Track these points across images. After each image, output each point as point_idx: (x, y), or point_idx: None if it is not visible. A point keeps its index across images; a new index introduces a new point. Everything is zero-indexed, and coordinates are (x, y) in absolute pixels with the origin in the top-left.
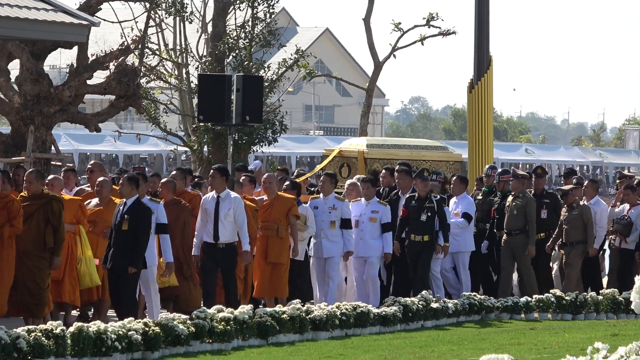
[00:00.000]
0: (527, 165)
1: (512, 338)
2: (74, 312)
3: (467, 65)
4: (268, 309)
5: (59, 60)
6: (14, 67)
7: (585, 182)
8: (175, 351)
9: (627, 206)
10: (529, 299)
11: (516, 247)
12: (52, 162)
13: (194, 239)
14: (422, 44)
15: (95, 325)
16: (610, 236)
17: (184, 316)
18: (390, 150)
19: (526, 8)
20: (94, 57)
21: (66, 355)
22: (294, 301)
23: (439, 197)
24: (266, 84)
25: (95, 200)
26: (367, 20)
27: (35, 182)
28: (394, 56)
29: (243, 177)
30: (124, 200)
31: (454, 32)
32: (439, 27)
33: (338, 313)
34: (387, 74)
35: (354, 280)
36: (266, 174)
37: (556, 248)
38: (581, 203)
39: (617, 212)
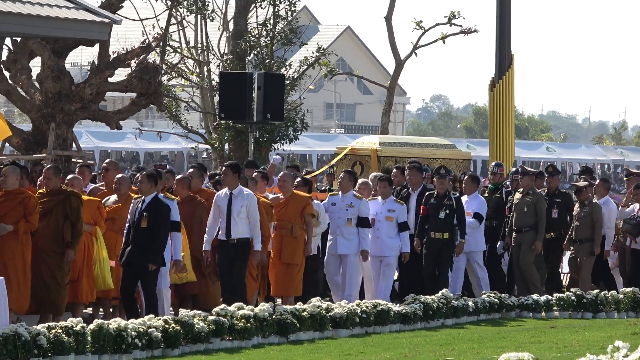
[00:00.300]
0: (548, 164)
1: (533, 336)
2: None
3: (489, 63)
4: (288, 307)
5: (81, 58)
6: (36, 65)
7: (597, 181)
8: (196, 348)
9: (637, 206)
10: (549, 297)
11: (524, 244)
12: (73, 160)
13: (205, 235)
14: (444, 42)
15: (115, 323)
16: (619, 236)
17: (204, 313)
18: (402, 148)
19: (548, 6)
20: (116, 55)
21: (86, 352)
22: (314, 299)
23: (457, 194)
24: (287, 81)
25: (113, 198)
26: (388, 18)
27: (54, 178)
28: (416, 54)
29: (255, 174)
30: (142, 197)
31: (475, 31)
32: (461, 26)
33: (358, 311)
34: (409, 72)
35: (371, 278)
36: (282, 172)
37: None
38: (594, 201)
39: (627, 212)
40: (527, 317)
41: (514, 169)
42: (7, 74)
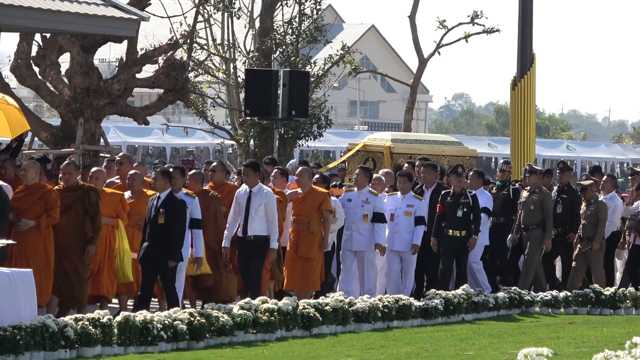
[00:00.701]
0: (568, 162)
1: (552, 332)
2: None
3: (511, 62)
4: (311, 301)
5: (109, 54)
6: (65, 61)
7: (604, 177)
8: (220, 341)
9: None
10: (568, 293)
11: (531, 241)
12: (100, 154)
13: (225, 231)
14: (467, 41)
15: (141, 315)
16: (625, 233)
17: (228, 306)
18: (413, 145)
19: (568, 6)
20: (143, 52)
21: (113, 344)
22: (337, 293)
23: (473, 192)
24: (312, 79)
25: (127, 194)
26: (412, 17)
27: (75, 173)
28: (439, 53)
29: (275, 170)
30: (157, 194)
31: (497, 30)
32: (483, 25)
33: (380, 305)
34: (432, 70)
35: (385, 273)
36: (300, 168)
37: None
38: (600, 199)
39: (631, 209)
40: (546, 313)
41: (527, 167)
42: (36, 69)
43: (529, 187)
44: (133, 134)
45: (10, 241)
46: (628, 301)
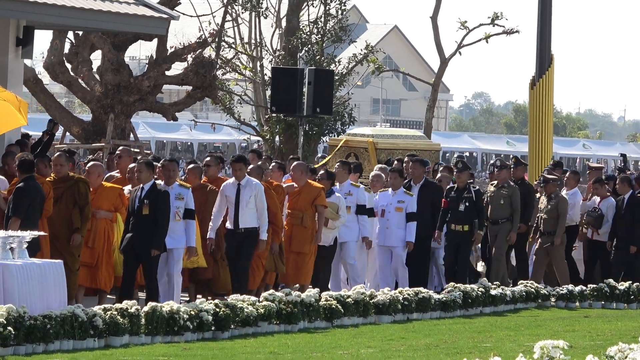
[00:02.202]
0: (585, 160)
1: (567, 325)
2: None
3: (529, 62)
4: (334, 293)
5: (139, 52)
6: (96, 58)
7: (567, 173)
8: (244, 331)
9: (597, 199)
10: (584, 288)
11: (500, 234)
12: (130, 149)
13: (210, 223)
14: (487, 42)
15: (168, 305)
16: (583, 228)
17: (253, 298)
18: (390, 140)
19: (586, 7)
20: (173, 49)
21: (140, 333)
22: (358, 285)
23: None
24: (336, 77)
25: (127, 187)
26: (434, 18)
27: (66, 165)
28: (460, 53)
29: (273, 164)
30: (141, 185)
31: (517, 31)
32: (503, 26)
33: (400, 298)
34: (452, 69)
35: (376, 267)
36: (295, 163)
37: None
38: (562, 193)
39: (588, 204)
40: (561, 306)
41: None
42: (69, 66)
43: (495, 182)
44: (162, 130)
45: (40, 232)
46: None
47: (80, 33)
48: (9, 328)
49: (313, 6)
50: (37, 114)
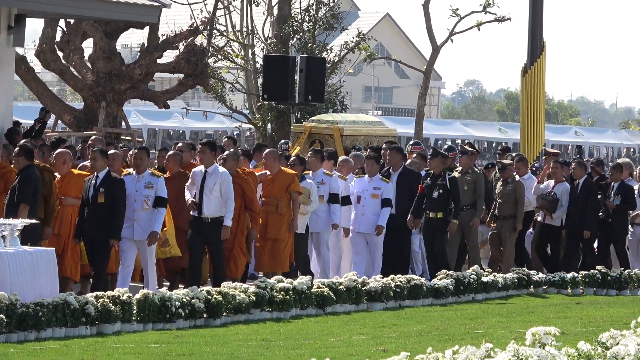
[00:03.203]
0: (576, 147)
1: (559, 312)
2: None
3: (521, 50)
4: (325, 280)
5: (131, 40)
6: (88, 46)
7: (516, 159)
8: (237, 319)
9: (551, 182)
10: (576, 274)
11: (466, 223)
12: (122, 137)
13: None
14: (479, 29)
15: (160, 293)
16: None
17: (245, 285)
18: (352, 126)
19: None
20: (164, 37)
21: (132, 321)
22: (350, 273)
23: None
24: (328, 65)
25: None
26: (426, 6)
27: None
28: (451, 40)
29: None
30: (95, 173)
31: (509, 19)
32: (495, 14)
33: (392, 285)
34: (444, 57)
35: (352, 254)
36: (267, 150)
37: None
38: (517, 178)
39: (541, 188)
40: (553, 293)
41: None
42: (60, 54)
43: (460, 169)
44: (153, 118)
45: (34, 220)
46: (634, 282)
47: (72, 21)
48: (1, 316)
49: None
50: (28, 102)
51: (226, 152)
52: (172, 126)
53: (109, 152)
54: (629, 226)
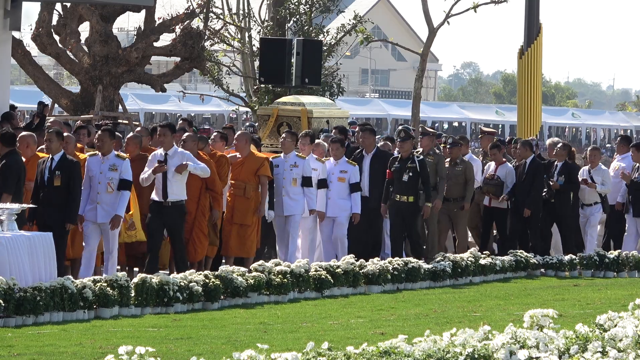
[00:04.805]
0: (574, 129)
1: (557, 294)
2: None
3: (518, 32)
4: (323, 263)
5: (127, 23)
6: (84, 30)
7: (449, 143)
8: (234, 302)
9: (492, 164)
10: (573, 257)
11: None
12: (119, 121)
13: (144, 177)
14: (475, 11)
15: (157, 277)
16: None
17: (242, 269)
18: (318, 108)
19: None
20: (161, 21)
21: (130, 305)
22: (348, 256)
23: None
24: (325, 48)
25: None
26: None
27: None
28: (448, 23)
29: (215, 134)
30: (50, 156)
31: (505, 1)
32: None
33: (390, 268)
34: (441, 39)
35: (321, 239)
36: (238, 132)
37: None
38: (464, 159)
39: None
40: (551, 275)
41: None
42: (57, 37)
43: (421, 150)
44: (150, 101)
45: (28, 205)
46: (631, 264)
47: (68, 5)
48: None
49: None
50: (25, 86)
51: (186, 134)
52: (169, 110)
53: (64, 135)
54: (580, 207)
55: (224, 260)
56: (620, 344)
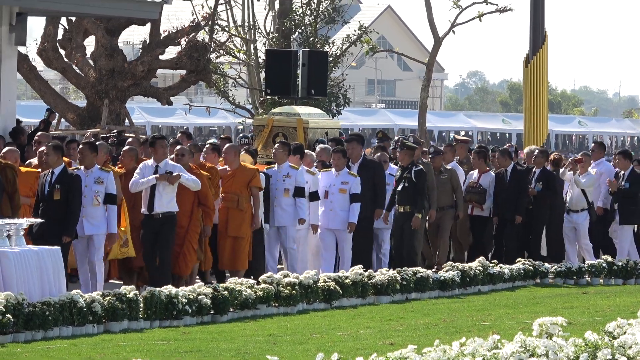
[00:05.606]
0: (580, 137)
1: (565, 302)
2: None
3: (523, 40)
4: (332, 274)
5: (133, 37)
6: (90, 44)
7: (443, 148)
8: (243, 314)
9: (475, 172)
10: (582, 264)
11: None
12: (125, 134)
13: (137, 179)
14: (480, 20)
15: (166, 290)
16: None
17: (251, 281)
18: (313, 119)
19: None
20: (166, 34)
21: (139, 318)
22: (356, 267)
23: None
24: (330, 59)
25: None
26: None
27: None
28: (453, 32)
29: (207, 146)
30: (51, 169)
31: (510, 9)
32: (496, 4)
33: (399, 278)
34: (446, 49)
35: (322, 250)
36: (227, 145)
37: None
38: (448, 167)
39: (466, 177)
40: (559, 283)
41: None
42: (62, 52)
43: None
44: (157, 114)
45: (36, 220)
46: None
47: (74, 19)
48: (8, 315)
49: None
50: (31, 101)
51: (179, 147)
52: (176, 122)
53: (4, 150)
54: (566, 213)
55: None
56: (629, 351)
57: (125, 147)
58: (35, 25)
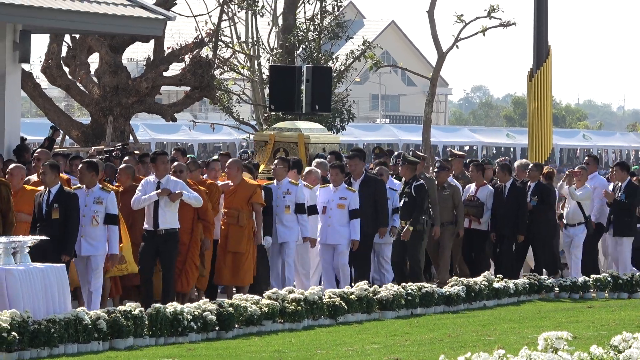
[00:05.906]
0: (585, 150)
1: (571, 316)
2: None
3: (527, 55)
4: (337, 290)
5: (137, 54)
6: (94, 61)
7: (438, 164)
8: (249, 330)
9: (473, 186)
10: (587, 278)
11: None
12: (130, 149)
13: (139, 195)
14: (484, 34)
15: (171, 307)
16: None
17: (256, 297)
18: (314, 134)
19: None
20: (170, 50)
21: (144, 335)
22: (361, 282)
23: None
24: (334, 74)
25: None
26: (430, 12)
27: None
28: (457, 47)
29: (189, 162)
30: (47, 188)
31: (514, 24)
32: (500, 19)
33: (404, 293)
34: (450, 64)
35: (321, 266)
36: (229, 160)
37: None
38: (452, 184)
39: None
40: (565, 297)
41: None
42: (66, 69)
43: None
44: (161, 131)
45: (42, 237)
46: None
47: (77, 36)
48: (13, 333)
49: (309, 3)
50: (36, 119)
51: (177, 163)
52: (180, 139)
53: (11, 167)
54: (564, 227)
55: (219, 290)
56: None
57: (122, 165)
58: (39, 43)
